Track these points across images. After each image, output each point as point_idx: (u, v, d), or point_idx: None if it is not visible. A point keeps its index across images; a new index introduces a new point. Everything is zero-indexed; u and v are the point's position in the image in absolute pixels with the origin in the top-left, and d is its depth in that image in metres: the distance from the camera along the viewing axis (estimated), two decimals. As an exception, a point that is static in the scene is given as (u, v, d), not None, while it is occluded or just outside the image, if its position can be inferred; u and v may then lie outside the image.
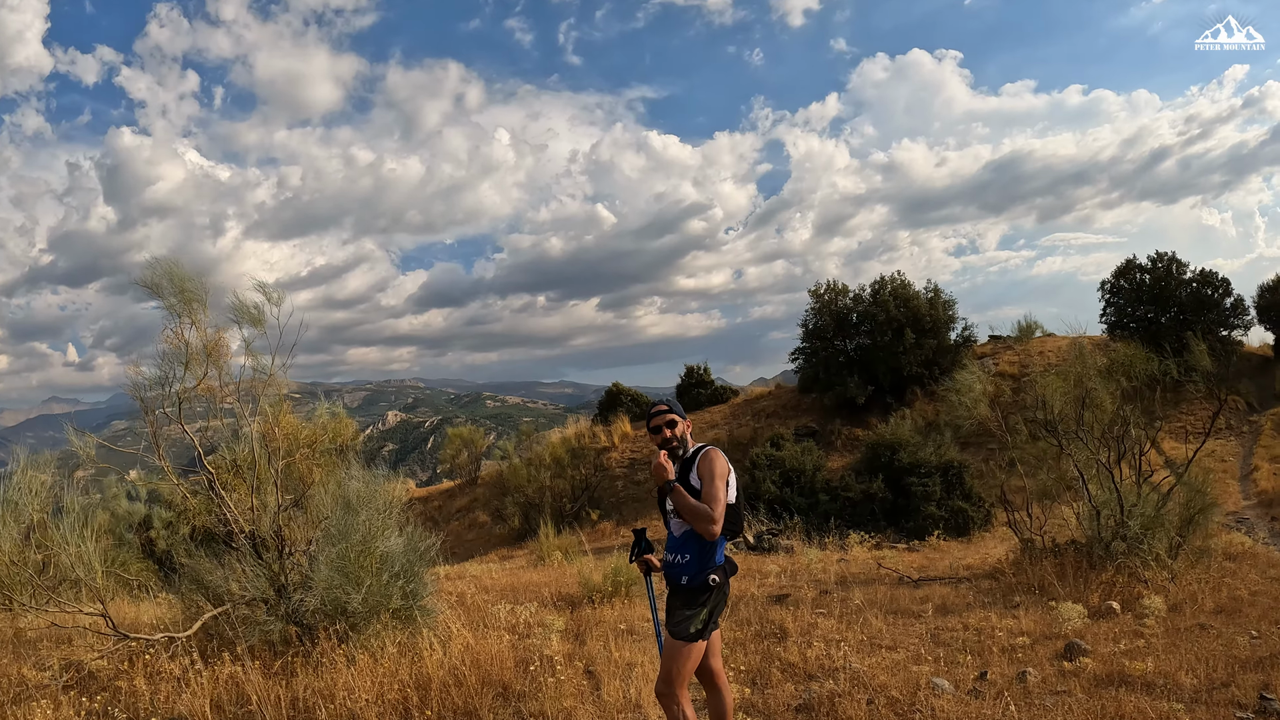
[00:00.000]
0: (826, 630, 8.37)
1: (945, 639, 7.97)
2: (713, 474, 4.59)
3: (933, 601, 9.71)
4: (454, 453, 39.03)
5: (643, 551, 5.18)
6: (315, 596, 7.33)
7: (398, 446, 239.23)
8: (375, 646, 7.10)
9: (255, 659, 6.94)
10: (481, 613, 9.54)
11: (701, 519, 4.45)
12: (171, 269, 7.71)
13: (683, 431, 4.90)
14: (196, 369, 7.81)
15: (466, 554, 26.14)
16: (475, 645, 7.20)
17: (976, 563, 12.58)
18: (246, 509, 7.85)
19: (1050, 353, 30.31)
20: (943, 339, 30.03)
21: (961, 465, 19.60)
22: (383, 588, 7.45)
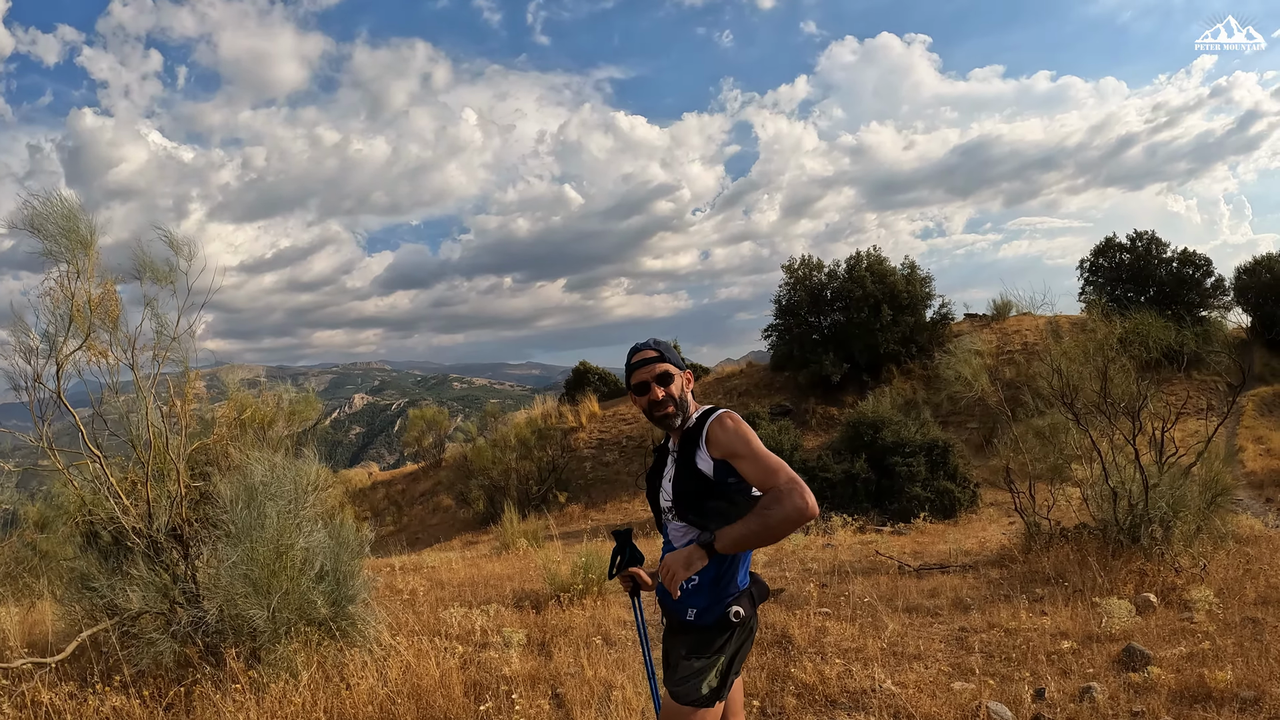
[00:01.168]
0: (838, 636, 7.14)
1: (976, 644, 6.78)
2: (746, 436, 3.16)
3: (944, 595, 8.59)
4: (418, 435, 38.36)
5: (628, 562, 3.75)
6: (214, 607, 6.01)
7: (364, 429, 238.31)
8: (296, 668, 5.79)
9: (147, 686, 5.68)
10: (432, 617, 8.29)
11: (783, 518, 2.93)
12: (56, 204, 6.45)
13: (681, 389, 3.41)
14: (81, 326, 6.51)
15: (430, 539, 25.33)
16: (417, 665, 5.91)
17: (975, 548, 11.56)
18: (140, 501, 6.57)
19: (1028, 331, 29.79)
20: (919, 316, 29.48)
21: (947, 444, 18.76)
22: (301, 595, 6.16)
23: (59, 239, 6.42)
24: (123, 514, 6.27)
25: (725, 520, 3.11)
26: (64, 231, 6.43)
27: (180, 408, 7.03)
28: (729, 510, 3.18)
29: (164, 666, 5.97)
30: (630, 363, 3.48)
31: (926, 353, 28.94)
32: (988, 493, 18.58)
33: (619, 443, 29.46)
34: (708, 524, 3.19)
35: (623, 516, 23.30)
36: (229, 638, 5.97)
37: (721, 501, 3.24)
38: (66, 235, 6.43)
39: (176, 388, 7.11)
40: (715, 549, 3.04)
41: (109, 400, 6.94)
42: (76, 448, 6.67)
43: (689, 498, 3.31)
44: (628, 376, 3.48)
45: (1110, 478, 9.22)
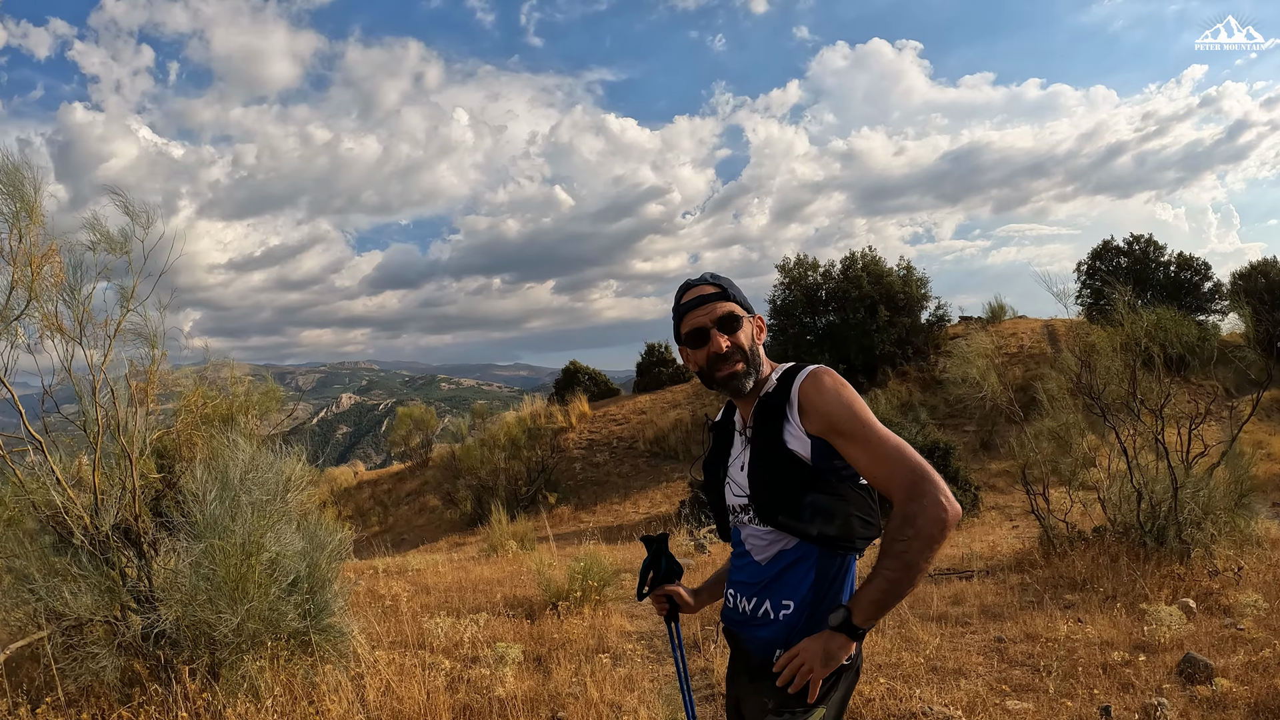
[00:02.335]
0: (869, 648, 6.46)
1: (1018, 656, 6.21)
2: (851, 404, 2.33)
3: (970, 602, 8.01)
4: (405, 434, 37.83)
5: (663, 577, 2.89)
6: (170, 614, 5.22)
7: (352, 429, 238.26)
8: (262, 687, 5.08)
9: (90, 706, 5.04)
10: (415, 627, 7.59)
11: (927, 544, 2.17)
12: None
13: (752, 340, 2.54)
14: (23, 292, 5.80)
15: (416, 540, 24.77)
16: (398, 686, 5.25)
17: (987, 551, 11.04)
18: (88, 492, 5.87)
19: (1024, 334, 29.37)
20: (916, 318, 29.02)
21: (948, 447, 18.26)
22: (270, 603, 5.44)
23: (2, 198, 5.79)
24: (63, 505, 5.58)
25: (829, 521, 2.37)
26: (6, 191, 5.80)
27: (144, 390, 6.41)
28: (835, 508, 2.38)
29: (107, 683, 5.26)
30: (680, 303, 2.58)
31: (923, 355, 28.51)
32: (988, 496, 18.18)
33: (609, 444, 28.95)
34: (807, 528, 2.38)
35: (613, 519, 22.80)
36: (185, 650, 5.29)
37: (825, 495, 2.38)
38: (9, 195, 5.79)
39: (135, 369, 6.49)
40: (857, 625, 2.25)
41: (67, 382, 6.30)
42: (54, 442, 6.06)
43: (779, 492, 2.41)
44: (677, 322, 2.59)
45: (1134, 477, 8.76)
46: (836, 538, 2.39)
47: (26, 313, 5.84)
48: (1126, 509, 8.96)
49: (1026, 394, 18.17)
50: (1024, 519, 13.66)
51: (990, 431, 22.32)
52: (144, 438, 6.29)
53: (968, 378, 15.40)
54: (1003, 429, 20.84)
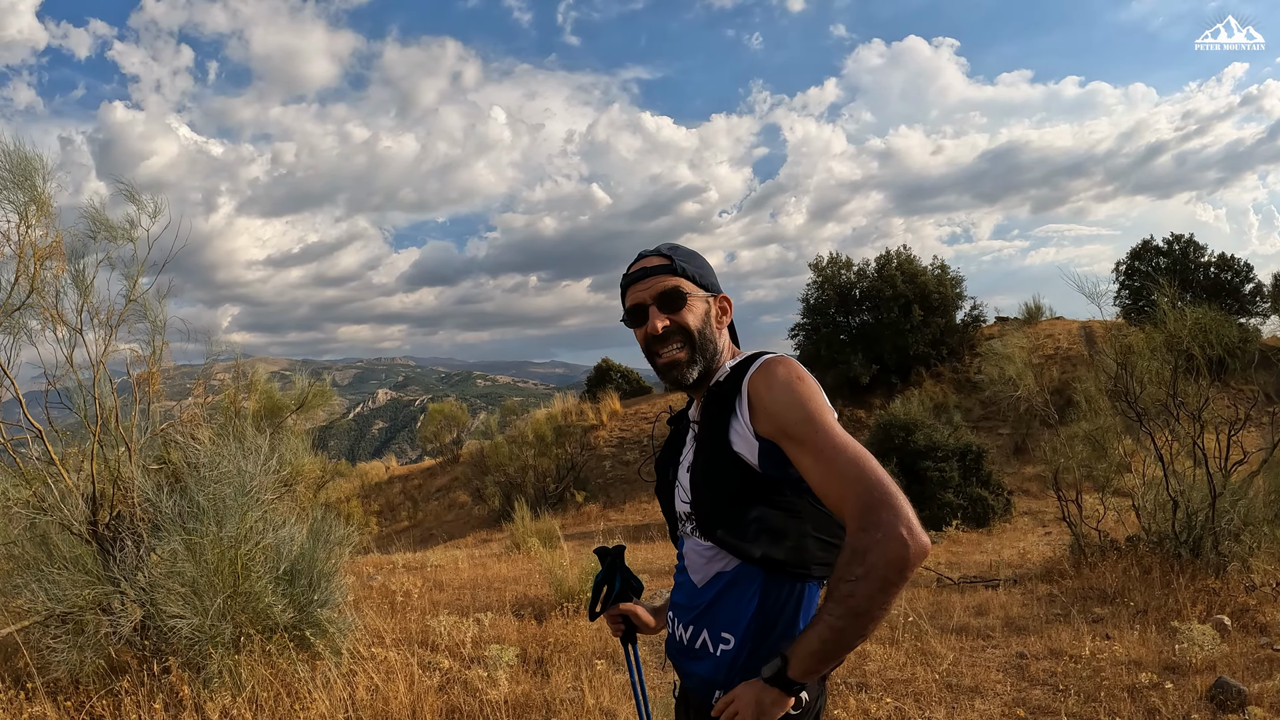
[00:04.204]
0: (882, 662, 6.21)
1: (1040, 674, 5.90)
2: (804, 400, 1.92)
3: (994, 613, 7.69)
4: (436, 430, 37.84)
5: (619, 594, 2.56)
6: (139, 609, 5.17)
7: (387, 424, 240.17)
8: (245, 680, 4.94)
9: (76, 693, 4.95)
10: (420, 625, 7.45)
11: (879, 588, 1.70)
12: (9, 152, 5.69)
13: (703, 322, 2.18)
14: (26, 283, 5.69)
15: (444, 536, 24.69)
16: (385, 687, 5.06)
17: (1016, 559, 10.73)
18: (84, 481, 5.75)
19: (1061, 335, 28.84)
20: (950, 318, 28.53)
21: (980, 449, 17.91)
22: (255, 597, 5.30)
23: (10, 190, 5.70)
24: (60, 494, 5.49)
25: (776, 541, 1.98)
26: (16, 183, 5.71)
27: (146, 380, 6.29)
28: (786, 526, 1.99)
29: (87, 674, 5.17)
30: (626, 274, 2.27)
31: (957, 355, 28.13)
32: (1020, 501, 17.80)
33: (640, 441, 28.73)
34: (749, 548, 2.00)
35: (641, 517, 22.57)
36: (170, 642, 5.18)
37: (775, 511, 1.99)
38: (18, 185, 5.70)
39: (138, 360, 6.38)
40: (793, 679, 1.84)
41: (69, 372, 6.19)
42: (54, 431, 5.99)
43: (719, 502, 2.04)
44: (622, 296, 2.28)
45: (1169, 484, 8.41)
46: (785, 562, 2.00)
47: (28, 303, 5.76)
48: (1161, 518, 8.63)
49: (1062, 396, 17.79)
50: (1056, 525, 13.25)
51: (1024, 434, 21.92)
52: (143, 429, 6.19)
53: (1003, 376, 15.06)
54: (1037, 432, 20.41)
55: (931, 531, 15.26)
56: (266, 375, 10.81)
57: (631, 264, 2.27)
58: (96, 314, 6.17)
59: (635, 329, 2.23)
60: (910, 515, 1.70)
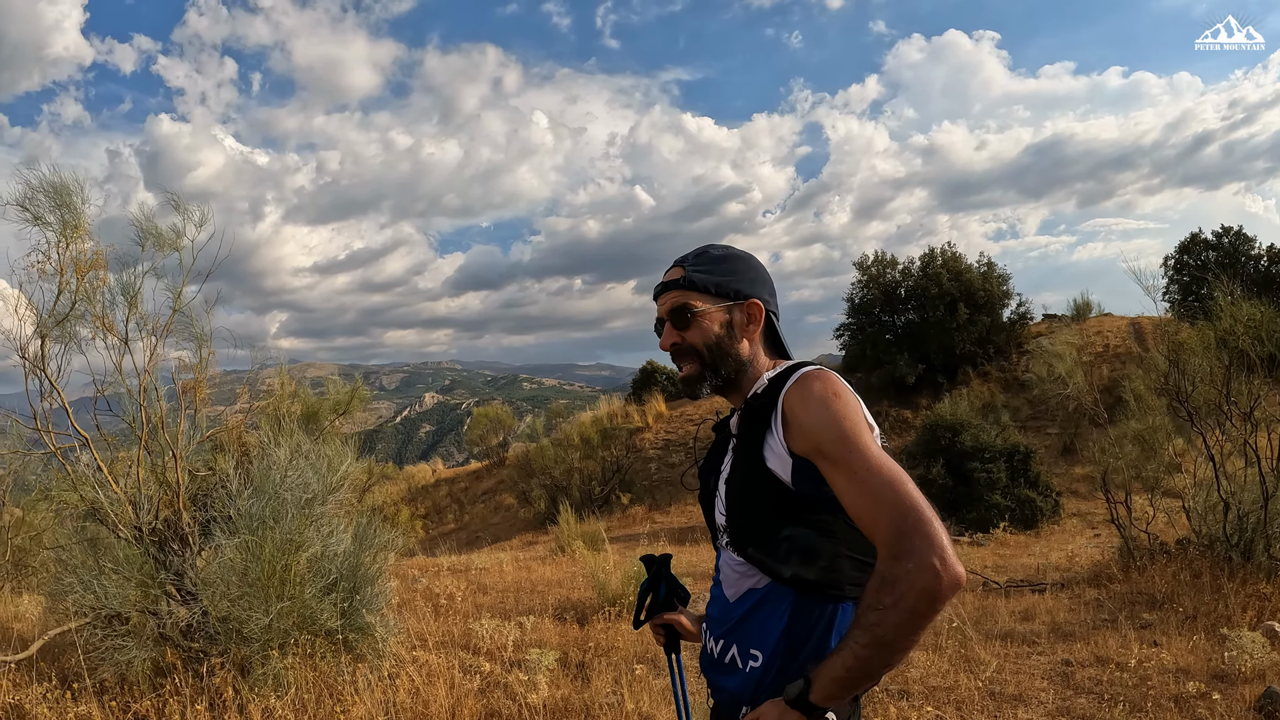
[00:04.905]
0: (925, 668, 6.15)
1: (1085, 682, 5.78)
2: (839, 419, 1.82)
3: (1040, 618, 7.56)
4: (482, 433, 38.01)
5: (663, 603, 2.53)
6: (198, 609, 5.31)
7: (434, 427, 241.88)
8: (289, 683, 5.05)
9: (124, 693, 5.06)
10: (462, 628, 7.48)
11: (908, 618, 1.61)
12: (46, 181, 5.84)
13: (719, 336, 2.12)
14: (69, 297, 5.82)
15: (490, 538, 24.82)
16: (425, 690, 5.11)
17: (1064, 562, 10.55)
18: (131, 486, 5.87)
19: (1110, 332, 28.35)
20: (997, 316, 28.15)
21: (1028, 450, 17.67)
22: (304, 602, 5.39)
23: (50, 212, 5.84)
24: (107, 501, 5.62)
25: (809, 561, 1.92)
26: (55, 206, 5.85)
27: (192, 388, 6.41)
28: (819, 546, 1.92)
29: (135, 674, 5.28)
30: (658, 286, 2.25)
31: (1004, 354, 27.79)
32: (1069, 502, 17.50)
33: (685, 444, 28.65)
34: (780, 567, 1.95)
35: (686, 519, 22.51)
36: (219, 643, 5.29)
37: (808, 530, 1.93)
38: (57, 208, 5.84)
39: (185, 367, 6.51)
40: (815, 705, 1.75)
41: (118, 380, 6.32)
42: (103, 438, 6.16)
43: (751, 519, 2.01)
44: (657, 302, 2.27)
45: (1220, 485, 8.24)
46: (816, 583, 1.93)
47: (74, 314, 5.90)
48: (1212, 520, 8.45)
49: (1112, 395, 17.55)
50: (1105, 527, 12.98)
51: (1073, 434, 21.61)
52: (190, 435, 6.31)
53: (1052, 374, 14.85)
54: (1086, 431, 20.11)
55: (979, 534, 15.11)
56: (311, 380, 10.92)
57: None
58: (145, 323, 6.33)
59: (662, 343, 2.22)
60: (944, 544, 1.62)
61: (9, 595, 8.60)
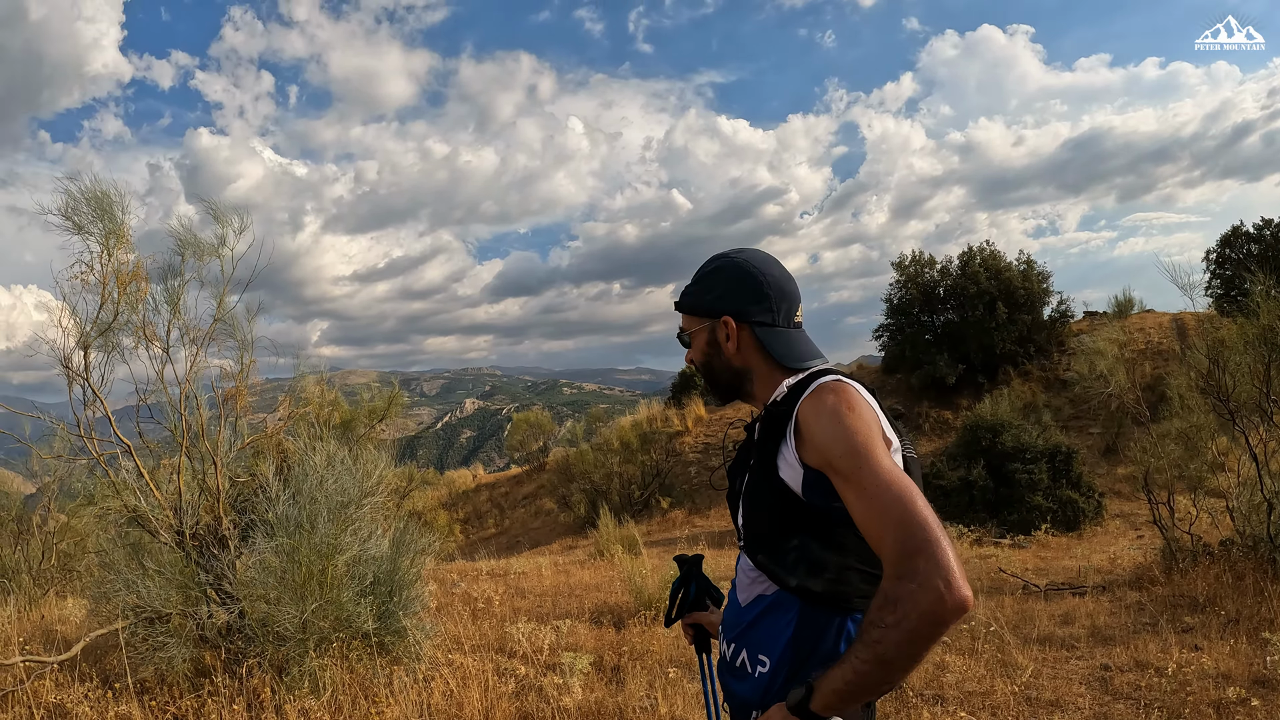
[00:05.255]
0: (961, 673, 6.07)
1: (1124, 688, 5.70)
2: (849, 433, 1.79)
3: (1080, 622, 7.46)
4: (521, 439, 38.17)
5: (692, 604, 2.56)
6: (236, 610, 5.43)
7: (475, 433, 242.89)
8: (321, 685, 5.13)
9: (163, 693, 5.16)
10: (498, 631, 7.54)
11: (908, 638, 1.58)
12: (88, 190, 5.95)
13: (704, 353, 2.21)
14: (110, 308, 5.93)
15: (531, 543, 24.88)
16: (459, 693, 5.17)
17: (1106, 565, 10.40)
18: (172, 492, 5.99)
19: (1152, 329, 27.91)
20: (1037, 314, 27.83)
21: (1070, 450, 17.46)
22: (341, 605, 5.50)
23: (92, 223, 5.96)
24: (148, 506, 5.73)
25: (815, 573, 1.91)
26: (95, 217, 5.95)
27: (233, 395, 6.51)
28: (826, 559, 1.91)
29: (175, 675, 5.40)
30: None
31: (1045, 353, 27.47)
32: (1112, 503, 17.23)
33: (725, 447, 28.61)
34: (786, 577, 1.95)
35: (726, 524, 22.37)
36: (257, 645, 5.39)
37: (816, 541, 1.92)
38: (99, 219, 5.95)
39: (226, 375, 6.62)
40: (815, 713, 1.74)
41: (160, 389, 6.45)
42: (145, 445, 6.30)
43: (761, 527, 2.02)
44: None
45: (1264, 485, 8.11)
46: (822, 594, 1.92)
47: (116, 324, 6.02)
48: (1256, 520, 8.32)
49: (1154, 392, 17.33)
50: (1148, 529, 12.77)
51: (1116, 433, 21.33)
52: (230, 442, 6.41)
53: (1093, 372, 14.68)
54: (1129, 430, 19.84)
55: (1020, 536, 14.97)
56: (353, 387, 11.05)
57: None
58: (186, 332, 6.45)
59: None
60: (951, 566, 1.57)
61: (54, 598, 8.79)
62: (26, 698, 5.17)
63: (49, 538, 9.65)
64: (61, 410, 6.21)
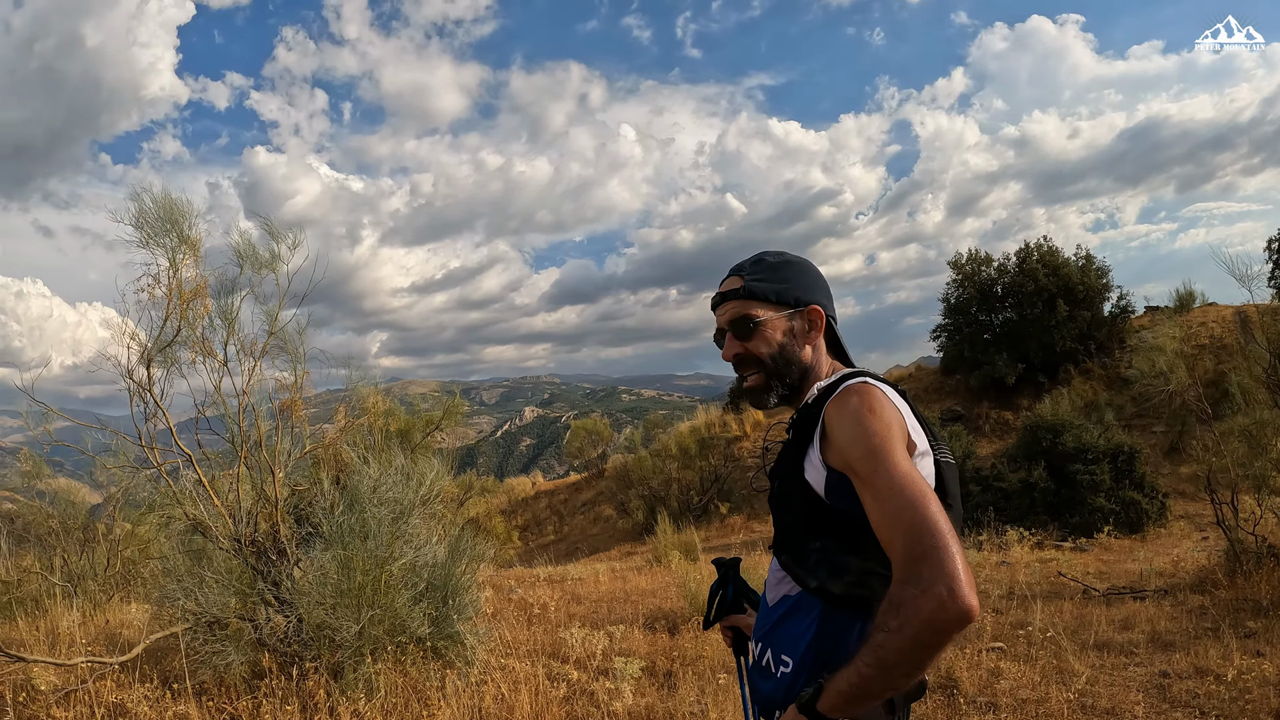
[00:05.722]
0: (1015, 680, 5.99)
1: (1182, 695, 5.59)
2: (868, 434, 1.79)
3: (1140, 627, 7.31)
4: (579, 446, 38.29)
5: (729, 606, 2.56)
6: (293, 616, 5.56)
7: (534, 441, 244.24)
8: (376, 688, 5.25)
9: (221, 694, 5.33)
10: (551, 637, 7.60)
11: (910, 645, 1.58)
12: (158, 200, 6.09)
13: (780, 345, 2.12)
14: (174, 323, 6.09)
15: (590, 549, 24.90)
16: (510, 696, 5.24)
17: (1169, 568, 10.15)
18: (231, 501, 6.13)
19: (1214, 322, 27.15)
20: (1097, 310, 27.24)
21: (1133, 450, 17.11)
22: (395, 611, 5.60)
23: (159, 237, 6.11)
24: (208, 515, 5.88)
25: (836, 575, 1.89)
26: (164, 229, 6.10)
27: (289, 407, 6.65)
28: (847, 562, 1.89)
29: (235, 676, 5.54)
30: (715, 297, 2.26)
31: (1106, 350, 26.91)
32: (1176, 504, 16.75)
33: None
34: (807, 578, 1.95)
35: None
36: (312, 649, 5.51)
37: (838, 543, 1.91)
38: (167, 232, 6.10)
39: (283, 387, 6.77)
40: (821, 713, 1.74)
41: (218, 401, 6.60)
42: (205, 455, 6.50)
43: (787, 526, 2.06)
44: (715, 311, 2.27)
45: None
46: (842, 597, 1.91)
47: (178, 340, 6.18)
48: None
49: (1217, 389, 16.93)
50: (1213, 530, 12.48)
51: (1179, 431, 20.85)
52: (289, 452, 6.55)
53: (1154, 369, 14.37)
54: (1192, 428, 19.42)
55: (1082, 539, 14.73)
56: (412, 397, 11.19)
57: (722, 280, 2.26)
58: (243, 346, 6.62)
59: (725, 354, 2.22)
60: (956, 574, 1.56)
61: (119, 603, 9.02)
62: (88, 697, 5.37)
63: (114, 545, 9.97)
64: (125, 423, 6.40)
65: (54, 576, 8.99)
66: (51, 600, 8.40)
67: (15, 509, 10.75)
